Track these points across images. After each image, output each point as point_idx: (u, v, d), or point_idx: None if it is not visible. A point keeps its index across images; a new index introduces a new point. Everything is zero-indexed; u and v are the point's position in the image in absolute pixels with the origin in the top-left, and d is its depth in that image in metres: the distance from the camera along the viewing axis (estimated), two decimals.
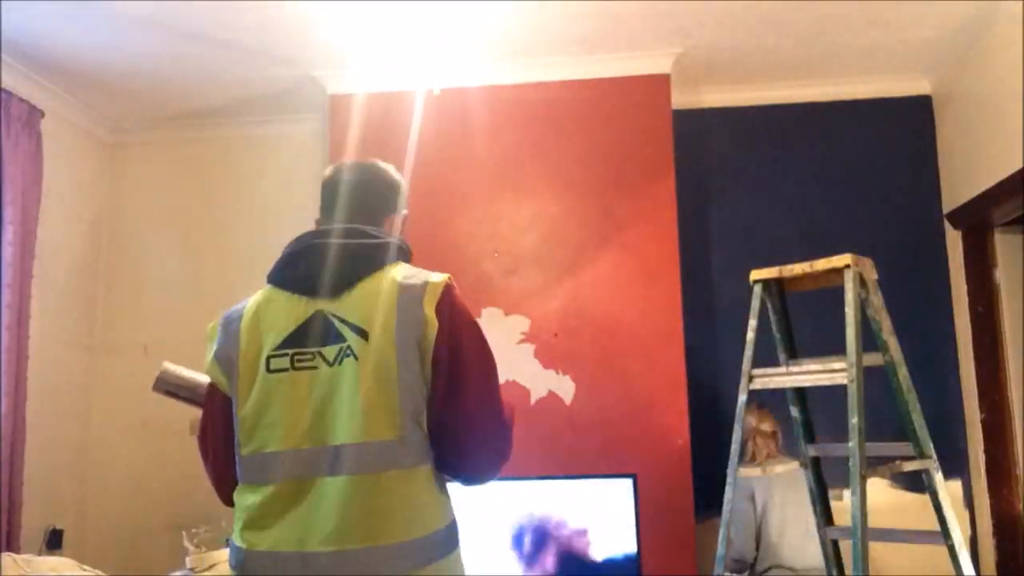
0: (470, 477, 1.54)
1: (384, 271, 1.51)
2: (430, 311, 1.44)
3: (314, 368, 1.44)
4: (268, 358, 1.46)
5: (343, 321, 1.45)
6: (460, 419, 1.45)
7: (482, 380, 1.49)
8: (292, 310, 1.49)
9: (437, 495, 1.47)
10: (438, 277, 1.50)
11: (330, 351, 1.44)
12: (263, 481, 1.45)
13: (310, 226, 4.36)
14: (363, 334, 1.43)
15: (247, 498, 1.47)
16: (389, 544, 1.38)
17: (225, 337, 1.53)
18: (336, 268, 1.50)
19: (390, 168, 1.73)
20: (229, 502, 1.56)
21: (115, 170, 4.10)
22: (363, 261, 1.52)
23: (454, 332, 1.46)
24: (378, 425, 1.40)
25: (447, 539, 1.47)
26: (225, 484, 1.55)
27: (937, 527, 2.51)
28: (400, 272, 1.51)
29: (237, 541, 1.47)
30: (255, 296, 1.58)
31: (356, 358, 1.42)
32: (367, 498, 1.39)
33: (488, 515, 3.13)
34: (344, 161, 1.73)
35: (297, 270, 1.54)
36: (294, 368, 1.45)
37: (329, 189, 1.68)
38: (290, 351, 1.46)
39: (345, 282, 1.49)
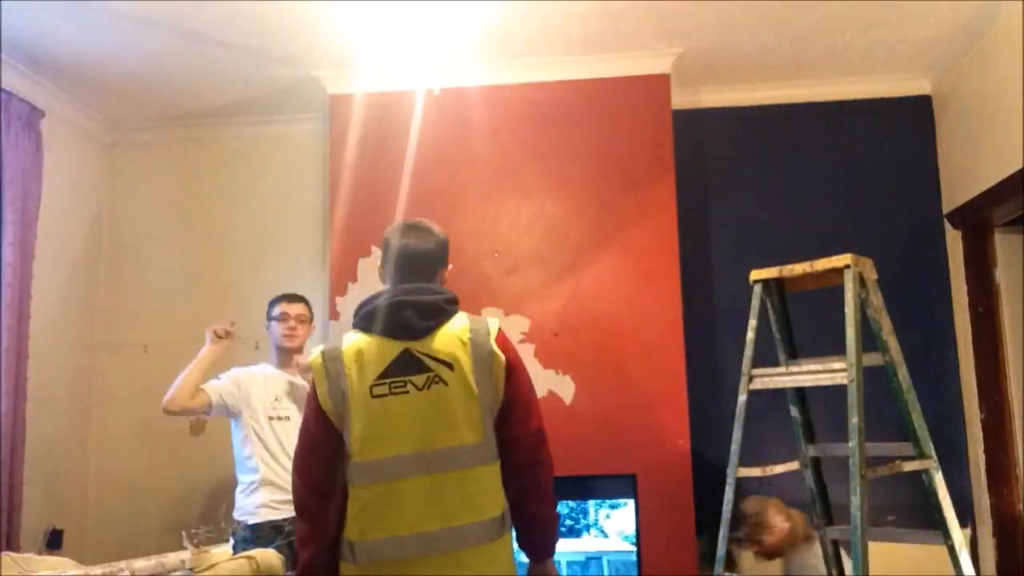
0: (519, 487, 1.95)
1: (454, 318, 1.95)
2: (495, 346, 1.92)
3: (406, 392, 1.86)
4: (371, 387, 1.87)
5: (430, 356, 1.88)
6: (517, 433, 1.94)
7: (531, 402, 2.02)
8: (384, 349, 1.90)
9: (501, 486, 1.92)
10: (492, 319, 1.99)
11: (419, 379, 1.87)
12: (374, 480, 1.84)
13: (310, 225, 4.35)
14: (449, 365, 1.88)
15: (361, 495, 1.85)
16: (474, 522, 1.83)
17: (335, 375, 1.90)
18: (417, 317, 1.91)
19: (439, 230, 2.08)
20: (319, 504, 1.88)
21: (115, 170, 4.10)
22: (437, 311, 1.94)
23: (511, 362, 1.94)
24: (467, 432, 1.86)
25: (507, 521, 1.92)
26: (318, 490, 1.88)
27: (937, 527, 2.51)
28: (465, 318, 1.97)
29: (349, 534, 1.85)
30: (348, 339, 1.95)
31: (445, 383, 1.87)
32: (461, 488, 1.84)
33: None
34: (400, 223, 2.08)
35: (383, 320, 1.93)
36: (392, 393, 1.87)
37: (394, 255, 2.02)
38: (387, 380, 1.87)
39: (427, 327, 1.91)
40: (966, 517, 3.38)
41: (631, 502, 3.29)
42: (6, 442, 3.10)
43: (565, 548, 3.38)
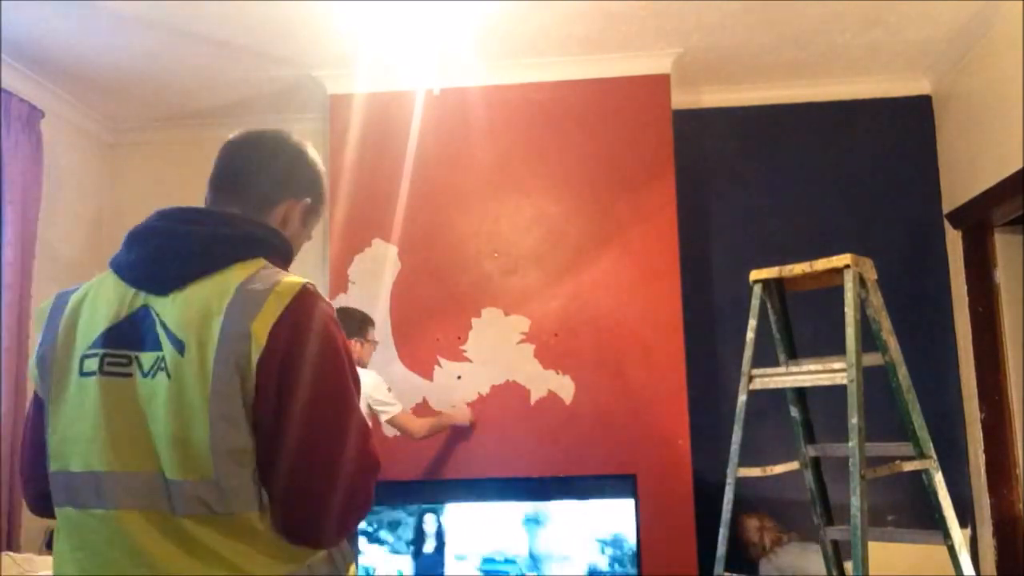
0: (292, 533, 1.18)
1: (230, 270, 1.19)
2: (260, 326, 1.12)
3: (127, 376, 1.15)
4: (82, 358, 1.18)
5: (164, 325, 1.16)
6: (285, 463, 1.14)
7: (322, 420, 1.16)
8: (118, 302, 1.19)
9: (270, 547, 1.16)
10: (291, 281, 1.18)
11: (147, 358, 1.15)
12: (66, 504, 1.18)
13: None
14: (180, 346, 1.14)
15: (62, 525, 1.19)
16: None
17: (48, 330, 1.23)
18: (170, 258, 1.20)
19: (304, 147, 1.42)
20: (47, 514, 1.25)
21: (115, 170, 4.10)
22: (203, 254, 1.20)
23: (292, 356, 1.14)
24: (185, 461, 1.12)
25: None
26: (40, 501, 1.26)
27: (937, 527, 2.51)
28: (247, 273, 1.19)
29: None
30: (94, 279, 1.27)
31: (169, 375, 1.13)
32: (179, 546, 1.12)
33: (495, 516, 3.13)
34: (251, 129, 1.45)
35: (131, 253, 1.23)
36: (102, 373, 1.16)
37: (218, 159, 1.40)
38: (102, 351, 1.17)
39: (177, 277, 1.18)
40: (966, 517, 3.38)
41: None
42: (6, 442, 3.10)
43: None
